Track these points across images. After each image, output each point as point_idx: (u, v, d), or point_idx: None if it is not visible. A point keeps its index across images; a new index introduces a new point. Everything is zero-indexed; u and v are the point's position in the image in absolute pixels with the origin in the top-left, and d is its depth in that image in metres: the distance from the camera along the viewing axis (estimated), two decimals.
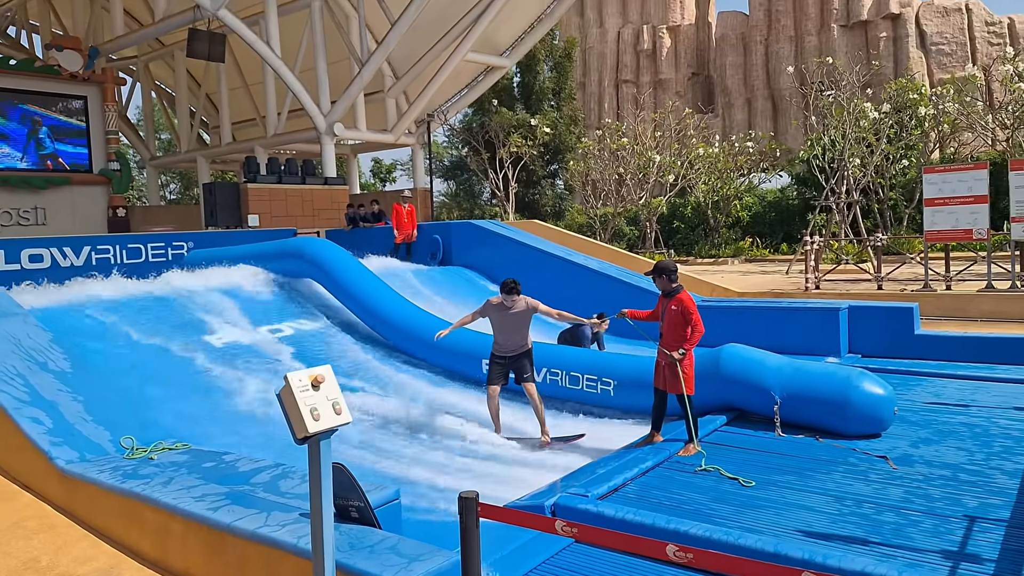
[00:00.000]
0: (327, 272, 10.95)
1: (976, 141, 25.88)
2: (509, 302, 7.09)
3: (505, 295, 7.08)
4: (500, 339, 7.23)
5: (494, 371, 7.24)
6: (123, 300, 9.26)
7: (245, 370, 8.46)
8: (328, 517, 3.05)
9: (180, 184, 49.02)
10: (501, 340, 7.22)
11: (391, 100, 22.60)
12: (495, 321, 7.21)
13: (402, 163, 48.40)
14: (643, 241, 28.59)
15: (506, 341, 7.19)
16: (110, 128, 22.59)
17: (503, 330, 7.18)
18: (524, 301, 7.14)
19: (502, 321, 7.16)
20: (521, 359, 7.19)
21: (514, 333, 7.15)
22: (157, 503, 4.27)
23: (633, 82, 49.93)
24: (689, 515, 4.58)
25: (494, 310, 7.19)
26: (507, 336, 7.18)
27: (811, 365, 6.72)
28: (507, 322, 7.13)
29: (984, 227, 12.46)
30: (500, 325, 7.19)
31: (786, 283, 16.07)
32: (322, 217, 19.45)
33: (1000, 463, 5.31)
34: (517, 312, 7.10)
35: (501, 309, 7.14)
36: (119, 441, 5.37)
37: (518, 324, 7.13)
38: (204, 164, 26.26)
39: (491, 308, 7.21)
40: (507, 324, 7.14)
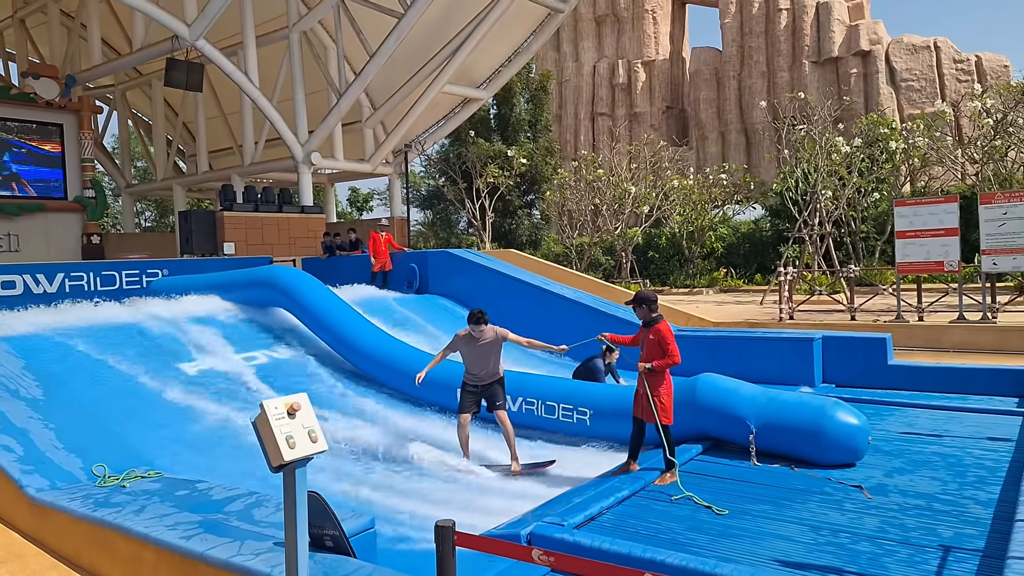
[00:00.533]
0: (298, 301, 10.85)
1: (946, 175, 26.59)
2: (477, 332, 7.12)
3: (473, 325, 7.12)
4: (472, 369, 7.25)
5: (466, 400, 7.25)
6: (97, 327, 9.12)
7: (219, 398, 8.34)
8: (303, 546, 3.01)
9: (155, 212, 48.59)
10: (473, 370, 7.24)
11: (369, 130, 22.72)
12: (465, 353, 7.24)
13: (379, 192, 48.51)
14: (619, 271, 28.82)
15: (478, 371, 7.21)
16: (86, 156, 22.41)
17: (474, 361, 7.21)
18: (492, 331, 7.17)
19: (472, 353, 7.19)
20: (493, 387, 7.22)
21: (485, 363, 7.18)
22: (129, 532, 4.19)
23: (608, 115, 50.77)
24: (665, 544, 4.58)
25: (463, 342, 7.22)
26: (478, 366, 7.20)
27: (786, 395, 6.79)
28: (477, 353, 7.16)
29: (955, 259, 12.76)
30: (470, 357, 7.22)
31: (760, 313, 16.27)
32: (298, 245, 19.38)
33: (974, 493, 5.37)
34: (486, 343, 7.13)
35: (470, 341, 7.18)
36: (91, 469, 5.27)
37: (488, 354, 7.16)
38: (180, 192, 26.10)
39: (460, 341, 7.24)
40: (477, 355, 7.17)
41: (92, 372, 8.08)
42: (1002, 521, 4.72)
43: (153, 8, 17.17)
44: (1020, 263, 12.28)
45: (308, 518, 3.19)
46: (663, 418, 5.92)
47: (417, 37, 19.36)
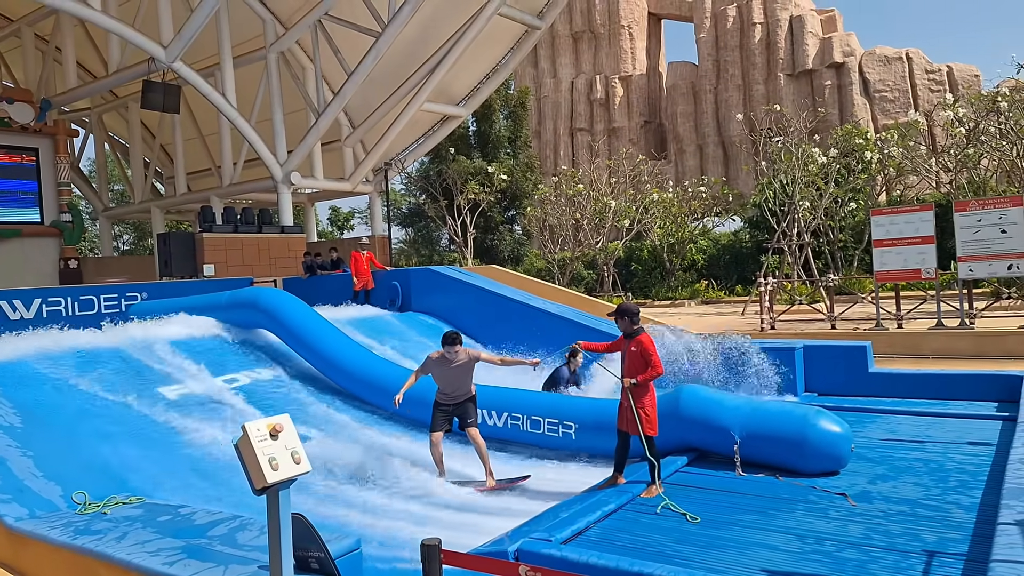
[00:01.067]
0: (280, 322, 10.79)
1: (921, 184, 27.07)
2: (451, 354, 7.16)
3: (447, 347, 7.16)
4: (444, 388, 7.29)
5: (437, 418, 7.27)
6: (75, 352, 9.00)
7: (200, 421, 8.24)
8: (288, 569, 2.98)
9: (134, 235, 48.13)
10: (445, 390, 7.29)
11: (348, 149, 22.71)
12: (438, 375, 7.27)
13: (360, 211, 48.51)
14: (601, 284, 28.95)
15: (451, 390, 7.26)
16: (62, 180, 22.20)
17: (447, 381, 7.25)
18: (466, 353, 7.23)
19: (445, 374, 7.22)
20: (465, 405, 7.27)
21: (458, 383, 7.23)
22: (111, 559, 4.12)
23: (587, 130, 51.18)
24: (653, 557, 4.58)
25: (436, 365, 7.26)
26: (451, 387, 7.25)
27: (769, 404, 6.84)
28: (450, 375, 7.20)
29: (932, 266, 12.96)
30: (443, 377, 7.25)
31: (742, 324, 16.40)
32: (279, 266, 19.27)
33: (956, 497, 5.43)
34: (459, 364, 7.18)
35: (443, 363, 7.21)
36: (71, 496, 5.19)
37: (461, 375, 7.21)
38: (159, 214, 25.89)
39: (432, 364, 7.28)
40: (450, 376, 7.21)
41: (71, 398, 7.95)
42: (985, 525, 4.78)
43: (129, 30, 17.11)
44: (995, 269, 12.51)
45: (293, 540, 3.16)
46: (648, 430, 5.93)
47: (395, 56, 19.44)
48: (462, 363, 7.19)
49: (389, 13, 17.71)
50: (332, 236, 44.92)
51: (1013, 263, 12.19)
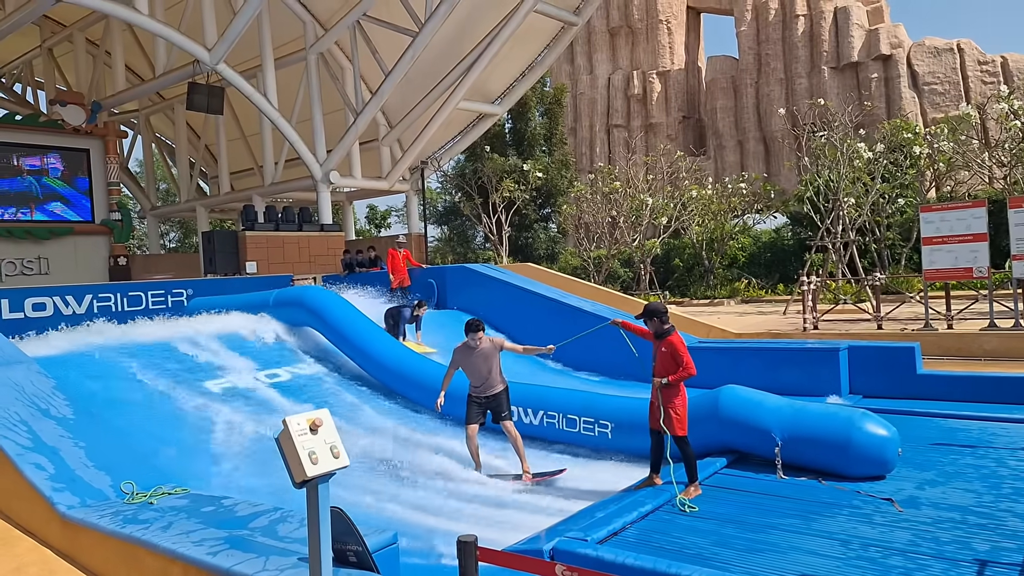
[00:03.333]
0: (325, 320, 10.99)
1: (973, 179, 26.19)
2: (474, 341, 7.32)
3: (471, 335, 7.33)
4: (474, 380, 7.41)
5: (472, 411, 7.40)
6: (124, 347, 9.28)
7: (243, 415, 8.42)
8: (327, 562, 3.01)
9: (180, 232, 49.35)
10: (475, 381, 7.40)
11: (385, 148, 22.94)
12: (465, 365, 7.42)
13: (396, 209, 48.92)
14: (637, 283, 28.72)
15: (479, 382, 7.37)
16: (112, 179, 22.88)
17: (474, 371, 7.38)
18: (489, 340, 7.39)
19: (472, 362, 7.37)
20: (498, 398, 7.38)
21: (485, 372, 7.34)
22: (157, 548, 4.23)
23: (624, 126, 50.76)
24: (691, 560, 4.51)
25: (462, 355, 7.41)
26: (479, 376, 7.36)
27: (812, 406, 6.69)
28: (475, 362, 7.34)
29: (984, 265, 12.51)
30: (470, 367, 7.39)
31: (784, 323, 16.09)
32: (318, 263, 19.59)
33: (1010, 505, 5.23)
34: (483, 351, 7.32)
35: (467, 351, 7.37)
36: (119, 486, 5.34)
37: (486, 362, 7.34)
38: (203, 213, 26.50)
39: (459, 354, 7.43)
40: (476, 364, 7.34)
41: (120, 390, 8.20)
42: None
43: (175, 34, 17.54)
44: None
45: (332, 533, 3.20)
46: (678, 430, 5.87)
47: (432, 55, 19.56)
48: (485, 350, 7.33)
49: (426, 13, 17.82)
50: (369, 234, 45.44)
51: None
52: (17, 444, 5.56)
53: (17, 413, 5.94)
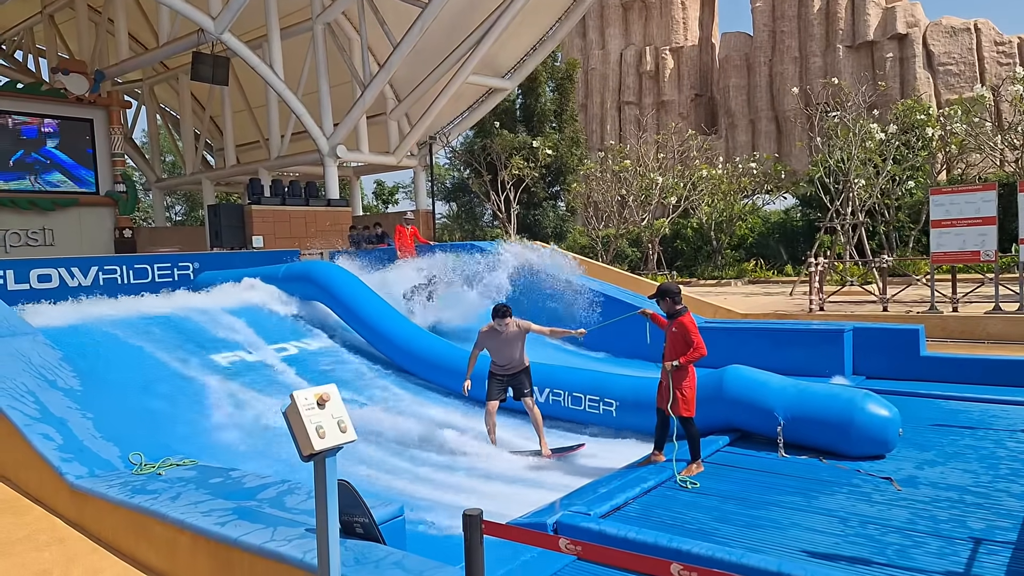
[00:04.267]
0: (333, 294, 11.03)
1: (984, 162, 25.93)
2: (501, 326, 7.34)
3: (497, 320, 7.35)
4: (498, 360, 7.48)
5: (493, 388, 7.47)
6: (131, 319, 9.35)
7: (251, 388, 8.50)
8: (334, 533, 3.07)
9: (185, 206, 49.37)
10: (499, 361, 7.47)
11: (393, 122, 22.80)
12: (491, 346, 7.46)
13: (404, 185, 48.73)
14: (645, 262, 28.66)
15: (504, 361, 7.44)
16: (116, 150, 22.83)
17: (499, 352, 7.44)
18: (515, 324, 7.39)
19: (497, 345, 7.41)
20: (519, 376, 7.44)
21: (510, 354, 7.40)
22: (165, 517, 4.31)
23: (635, 103, 50.30)
24: (692, 534, 4.58)
25: (488, 337, 7.45)
26: (504, 357, 7.43)
27: (815, 386, 6.72)
28: (502, 345, 7.39)
29: (992, 248, 12.46)
30: (496, 349, 7.44)
31: (790, 305, 16.08)
32: (325, 238, 19.58)
33: (1007, 485, 5.29)
34: (510, 335, 7.36)
35: (494, 335, 7.40)
36: (128, 457, 5.42)
37: (512, 346, 7.39)
38: (209, 186, 26.48)
39: (485, 337, 7.47)
40: (502, 347, 7.39)
41: (127, 362, 8.28)
42: None
43: (178, 1, 17.38)
44: None
45: (339, 506, 3.25)
46: (684, 411, 5.92)
47: (441, 27, 19.36)
48: (512, 334, 7.36)
49: None
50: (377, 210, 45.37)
51: None
52: (25, 415, 5.64)
53: (24, 384, 6.02)
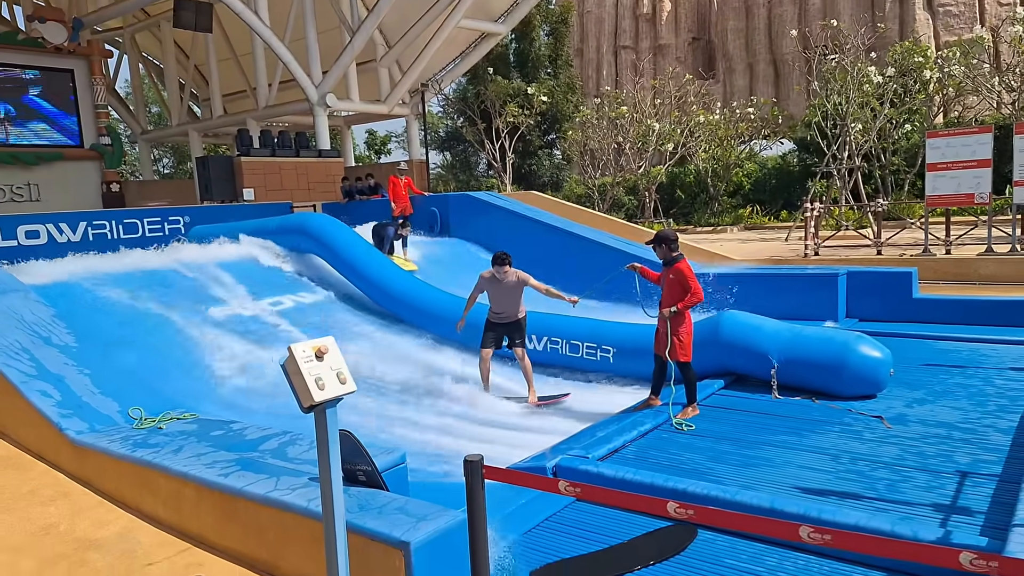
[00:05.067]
0: (328, 246, 11.00)
1: (981, 104, 25.62)
2: (500, 274, 7.43)
3: (497, 267, 7.44)
4: (495, 307, 7.58)
5: (488, 336, 7.60)
6: (122, 274, 9.30)
7: (247, 342, 8.54)
8: (337, 481, 3.12)
9: (173, 158, 48.66)
10: (496, 308, 7.57)
11: (384, 69, 22.34)
12: (490, 292, 7.56)
13: (396, 135, 48.05)
14: (642, 211, 28.53)
15: (501, 309, 7.55)
16: (99, 102, 22.33)
17: (497, 300, 7.54)
18: (515, 274, 7.47)
19: (496, 292, 7.51)
20: (514, 325, 7.57)
21: (508, 303, 7.51)
22: (169, 470, 4.37)
23: (632, 48, 49.30)
24: (688, 474, 4.68)
25: (488, 283, 7.54)
26: (501, 305, 7.53)
27: (809, 330, 6.79)
28: (500, 293, 7.49)
29: (986, 191, 12.44)
30: (494, 296, 7.54)
31: (785, 250, 16.11)
32: (318, 190, 19.37)
33: (994, 421, 5.40)
34: (509, 284, 7.46)
35: (493, 281, 7.50)
36: (127, 412, 5.46)
37: (511, 295, 7.49)
38: (196, 138, 26.05)
39: (485, 282, 7.56)
40: (500, 294, 7.49)
41: (122, 318, 8.28)
42: (1020, 448, 4.77)
43: None
44: None
45: (341, 455, 3.30)
46: (681, 356, 5.98)
47: None
48: (511, 284, 7.46)
49: None
50: (369, 160, 44.83)
51: None
52: (21, 372, 5.65)
53: (18, 341, 6.01)
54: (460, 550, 3.14)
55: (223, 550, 4.06)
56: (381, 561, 3.26)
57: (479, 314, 7.79)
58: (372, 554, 3.29)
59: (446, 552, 3.26)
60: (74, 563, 3.99)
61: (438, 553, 3.24)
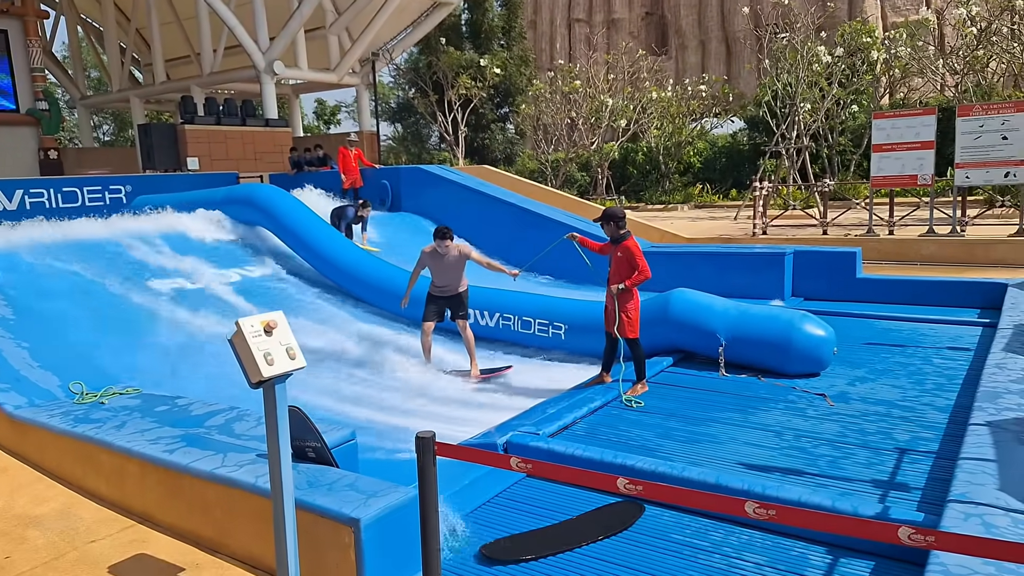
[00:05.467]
0: (276, 219, 10.75)
1: (925, 86, 26.36)
2: (443, 248, 7.42)
3: (438, 241, 7.41)
4: (437, 281, 7.61)
5: (429, 309, 7.64)
6: (63, 245, 8.93)
7: (193, 316, 8.32)
8: (285, 457, 3.07)
9: (114, 125, 46.79)
10: (438, 282, 7.61)
11: (333, 37, 21.80)
12: (432, 267, 7.58)
13: (347, 105, 47.17)
14: (594, 187, 28.66)
15: (443, 283, 7.58)
16: (35, 65, 21.25)
17: (440, 274, 7.56)
18: (457, 248, 7.49)
19: (438, 266, 7.53)
20: (457, 299, 7.63)
21: (450, 276, 7.54)
22: (111, 446, 4.25)
23: (586, 21, 49.13)
24: (637, 451, 4.75)
25: (430, 258, 7.54)
26: (444, 279, 7.57)
27: (756, 308, 6.93)
28: (442, 267, 7.51)
29: (929, 173, 12.84)
30: (436, 270, 7.56)
31: (734, 229, 16.41)
32: (265, 161, 18.88)
33: (932, 399, 5.60)
34: (451, 258, 7.47)
35: (436, 256, 7.49)
36: (68, 387, 5.29)
37: (453, 268, 7.52)
38: (138, 104, 25.07)
39: (427, 257, 7.55)
40: (443, 269, 7.52)
41: (62, 290, 7.96)
42: (956, 425, 4.97)
43: None
44: (992, 176, 12.40)
45: (290, 431, 3.25)
46: (629, 332, 6.05)
47: None
48: (453, 257, 7.46)
49: None
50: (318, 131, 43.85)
51: (1011, 171, 12.10)
52: None
53: None
54: (411, 526, 3.13)
55: (168, 527, 3.98)
56: (331, 538, 3.23)
57: (424, 289, 7.75)
58: (321, 531, 3.26)
59: (396, 529, 3.26)
60: (13, 540, 3.86)
61: (388, 530, 3.23)
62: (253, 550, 3.60)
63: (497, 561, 3.55)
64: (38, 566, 3.60)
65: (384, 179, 14.76)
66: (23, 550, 3.76)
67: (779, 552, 3.57)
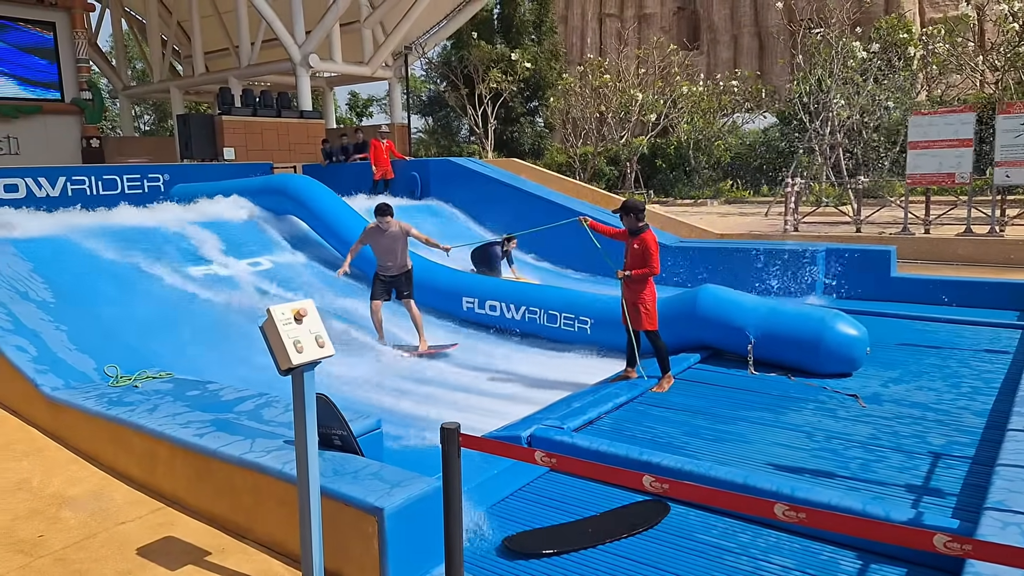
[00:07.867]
0: (310, 208, 10.88)
1: (964, 83, 25.69)
2: (384, 225, 7.77)
3: (379, 218, 7.77)
4: (381, 260, 7.94)
5: (377, 288, 8.00)
6: (102, 231, 9.11)
7: (227, 302, 8.44)
8: (312, 445, 3.10)
9: (154, 115, 47.58)
10: (382, 261, 7.93)
11: (367, 31, 21.92)
12: (374, 244, 7.91)
13: (378, 98, 47.34)
14: (623, 181, 28.45)
15: (387, 262, 7.92)
16: (81, 56, 21.72)
17: (383, 251, 7.90)
18: (397, 224, 7.85)
19: (380, 243, 7.86)
20: (401, 278, 7.99)
21: (392, 253, 7.89)
22: (143, 429, 4.33)
23: (617, 16, 48.69)
24: (662, 448, 4.71)
25: (371, 235, 7.89)
26: (386, 256, 7.90)
27: (786, 306, 6.83)
28: (384, 244, 7.84)
29: (967, 171, 12.51)
30: (379, 247, 7.89)
31: (765, 225, 16.17)
32: (299, 151, 19.07)
33: (968, 403, 5.46)
34: (392, 234, 7.81)
35: (377, 233, 7.84)
36: (103, 369, 5.40)
37: (394, 245, 7.86)
38: (178, 95, 25.49)
39: (368, 234, 7.91)
40: (384, 245, 7.85)
41: (100, 275, 8.12)
42: (993, 430, 4.83)
43: None
44: None
45: (317, 419, 3.28)
46: (647, 324, 5.99)
47: None
48: (394, 234, 7.82)
49: None
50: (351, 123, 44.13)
51: None
52: None
53: None
54: (434, 517, 3.14)
55: (196, 510, 4.05)
56: (354, 526, 3.25)
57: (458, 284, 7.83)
58: (345, 519, 3.29)
59: (420, 519, 3.27)
60: (47, 519, 3.96)
61: (412, 520, 3.24)
62: (277, 536, 3.64)
63: (519, 554, 3.55)
64: (69, 545, 3.69)
65: (414, 171, 14.81)
66: (56, 529, 3.85)
67: (808, 556, 3.51)
